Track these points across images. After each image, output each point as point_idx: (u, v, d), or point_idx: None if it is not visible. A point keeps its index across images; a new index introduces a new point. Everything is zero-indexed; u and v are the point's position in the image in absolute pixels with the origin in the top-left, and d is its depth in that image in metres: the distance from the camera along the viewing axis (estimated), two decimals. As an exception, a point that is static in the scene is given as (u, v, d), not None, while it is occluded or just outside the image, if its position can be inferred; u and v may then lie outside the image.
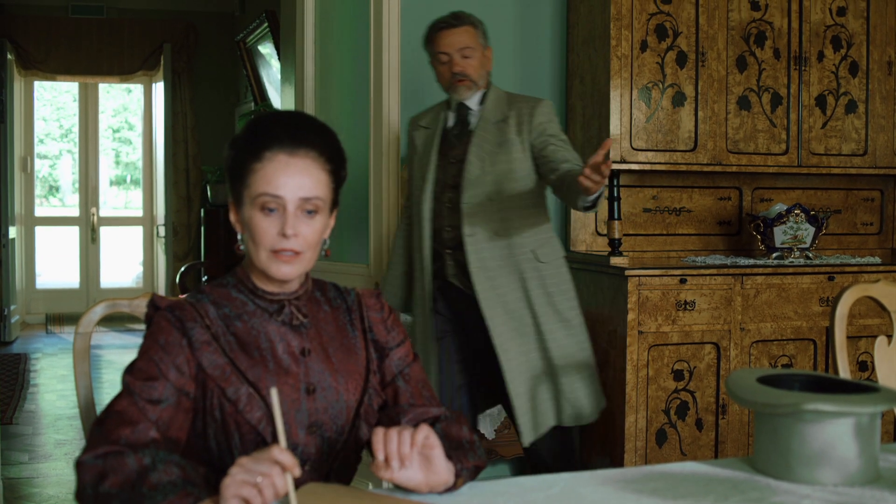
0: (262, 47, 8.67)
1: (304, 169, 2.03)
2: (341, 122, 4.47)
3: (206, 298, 2.11)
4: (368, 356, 2.18)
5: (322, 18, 4.56)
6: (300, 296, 2.15)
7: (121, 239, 13.18)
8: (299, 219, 2.03)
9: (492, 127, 3.87)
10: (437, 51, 3.88)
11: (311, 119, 2.14)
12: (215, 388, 2.01)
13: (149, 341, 2.04)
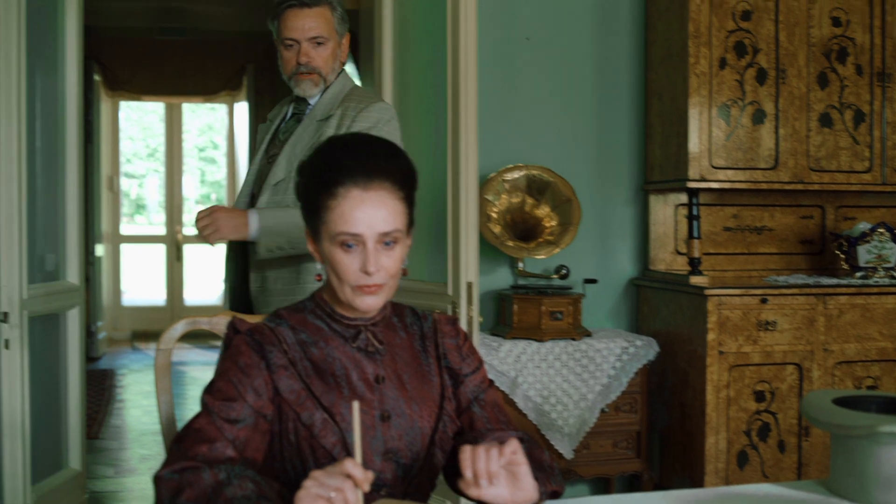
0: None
1: (379, 202, 2.01)
2: (420, 139, 4.49)
3: (284, 323, 2.13)
4: (443, 383, 2.18)
5: (400, 38, 4.59)
6: (377, 322, 2.15)
7: (205, 256, 13.37)
8: (380, 252, 2.03)
9: (313, 126, 3.41)
10: (283, 35, 3.39)
11: (379, 143, 2.11)
12: (290, 413, 2.03)
13: (228, 363, 2.07)
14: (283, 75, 3.45)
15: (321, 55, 3.39)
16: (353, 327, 2.13)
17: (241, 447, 1.98)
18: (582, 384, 4.47)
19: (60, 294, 4.37)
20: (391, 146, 2.12)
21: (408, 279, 4.29)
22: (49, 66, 4.40)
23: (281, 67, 3.45)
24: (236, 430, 1.98)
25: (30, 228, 4.13)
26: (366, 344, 2.12)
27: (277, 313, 2.16)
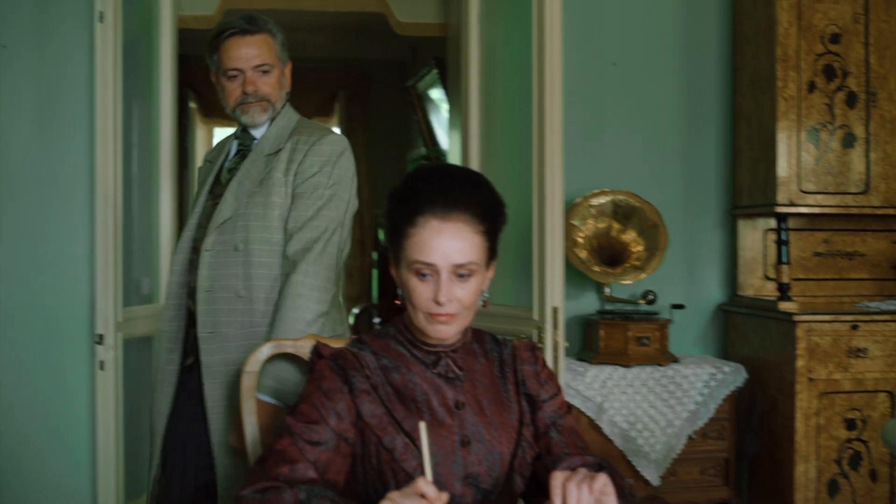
0: (432, 92, 8.81)
1: (456, 234, 2.04)
2: (506, 164, 4.51)
3: (367, 348, 2.17)
4: (521, 409, 2.19)
5: (486, 64, 4.62)
6: (457, 348, 2.19)
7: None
8: (453, 283, 2.06)
9: (260, 161, 3.19)
10: (225, 66, 3.18)
11: (464, 175, 2.15)
12: (373, 436, 2.06)
13: (311, 386, 2.11)
14: (227, 109, 3.24)
15: (267, 83, 3.21)
16: (433, 353, 2.16)
17: (323, 469, 2.01)
18: (669, 410, 4.43)
19: (154, 317, 4.46)
20: (476, 178, 2.14)
21: (494, 303, 4.31)
22: (145, 94, 4.52)
23: (223, 101, 3.25)
24: (318, 452, 2.02)
25: (126, 253, 4.24)
26: (446, 370, 2.15)
27: (360, 338, 2.21)
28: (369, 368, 2.12)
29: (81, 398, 4.49)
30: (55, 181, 4.53)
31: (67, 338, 4.50)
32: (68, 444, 4.51)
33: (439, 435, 2.08)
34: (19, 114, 4.51)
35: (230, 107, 3.21)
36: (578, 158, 4.84)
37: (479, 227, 2.06)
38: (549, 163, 4.05)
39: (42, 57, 4.52)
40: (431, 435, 2.06)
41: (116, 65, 4.06)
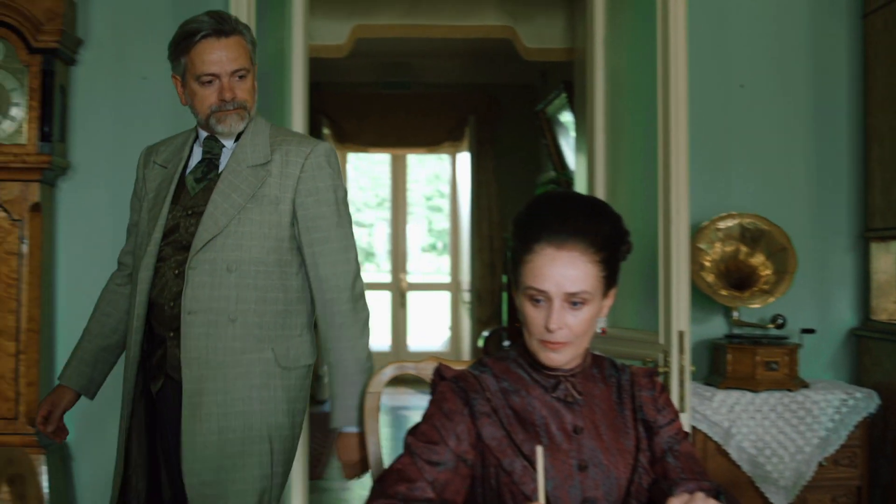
0: (561, 116, 8.84)
1: (570, 263, 2.07)
2: (631, 187, 4.51)
3: (488, 371, 2.21)
4: (637, 435, 2.20)
5: (612, 88, 4.63)
6: (577, 373, 2.21)
7: (429, 304, 13.65)
8: (565, 311, 2.08)
9: (246, 172, 2.98)
10: (199, 70, 2.96)
11: (585, 203, 2.17)
12: (492, 459, 2.10)
13: (433, 407, 2.16)
14: (197, 115, 3.03)
15: (245, 88, 3.00)
16: (553, 377, 2.19)
17: (441, 489, 2.06)
18: (798, 436, 4.36)
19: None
20: (598, 206, 2.16)
21: (619, 328, 4.31)
22: (278, 122, 4.65)
23: (193, 108, 3.03)
24: (437, 472, 2.06)
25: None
26: (565, 394, 2.17)
27: (482, 361, 2.25)
28: (490, 391, 2.16)
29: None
30: (192, 207, 4.69)
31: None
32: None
33: (557, 459, 2.10)
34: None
35: (202, 114, 2.99)
36: (705, 181, 4.81)
37: (595, 256, 2.09)
38: (675, 186, 4.04)
39: (180, 88, 4.69)
40: (549, 459, 2.09)
41: (250, 94, 4.19)
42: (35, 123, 4.34)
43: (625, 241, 2.16)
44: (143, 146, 4.52)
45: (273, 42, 4.62)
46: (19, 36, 4.34)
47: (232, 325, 2.89)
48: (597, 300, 2.11)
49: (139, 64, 4.68)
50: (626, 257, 2.18)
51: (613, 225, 2.14)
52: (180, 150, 3.13)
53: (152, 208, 3.06)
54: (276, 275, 2.96)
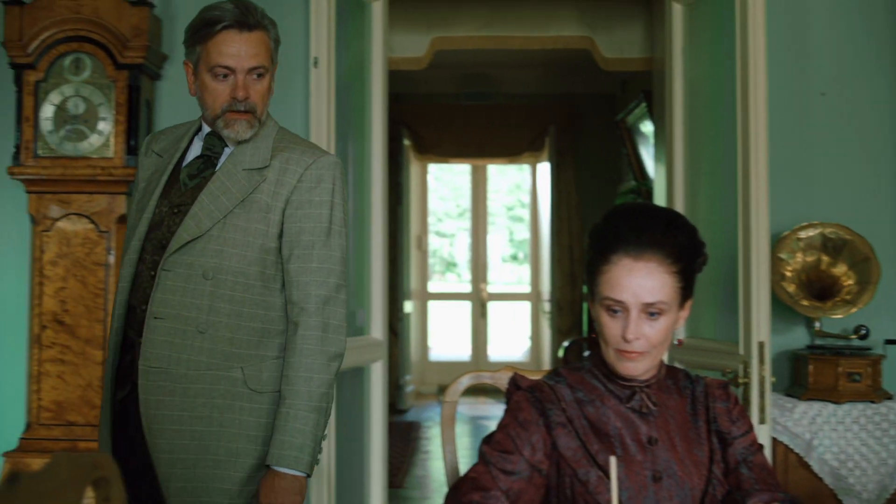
0: (642, 126, 8.81)
1: (647, 274, 2.09)
2: (710, 196, 4.49)
3: (563, 381, 2.22)
4: (711, 447, 2.20)
5: (691, 98, 4.62)
6: (652, 384, 2.21)
7: (510, 314, 13.66)
8: (642, 321, 2.10)
9: (240, 175, 2.77)
10: (215, 62, 2.73)
11: (661, 214, 2.19)
12: (568, 469, 2.12)
13: (508, 417, 2.19)
14: (205, 110, 2.81)
15: (259, 91, 2.78)
16: (628, 388, 2.20)
17: (514, 498, 2.08)
18: (882, 448, 4.30)
19: (365, 348, 4.63)
20: (674, 218, 2.18)
21: (699, 338, 4.29)
22: (357, 134, 4.71)
23: (202, 101, 2.82)
24: (511, 481, 2.09)
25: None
26: (640, 405, 2.18)
27: (557, 371, 2.26)
28: (565, 401, 2.18)
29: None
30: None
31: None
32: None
33: (632, 470, 2.12)
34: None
35: (211, 111, 2.78)
36: (785, 190, 4.76)
37: (672, 267, 2.11)
38: (755, 195, 4.01)
39: (262, 101, 4.77)
40: (624, 469, 2.10)
41: (330, 107, 4.26)
42: (121, 137, 4.45)
43: (700, 253, 2.18)
44: (225, 159, 4.61)
45: (352, 55, 4.68)
46: (106, 52, 4.45)
47: (200, 337, 2.67)
48: (673, 311, 2.13)
49: (222, 78, 4.77)
50: (702, 269, 2.19)
51: (689, 236, 2.16)
52: (179, 140, 2.92)
53: (140, 199, 2.87)
54: (256, 289, 2.72)
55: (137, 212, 2.82)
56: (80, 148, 4.47)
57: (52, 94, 4.46)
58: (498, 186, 15.03)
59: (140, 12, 4.47)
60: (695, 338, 4.35)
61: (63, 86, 4.48)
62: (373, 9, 4.74)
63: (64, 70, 4.48)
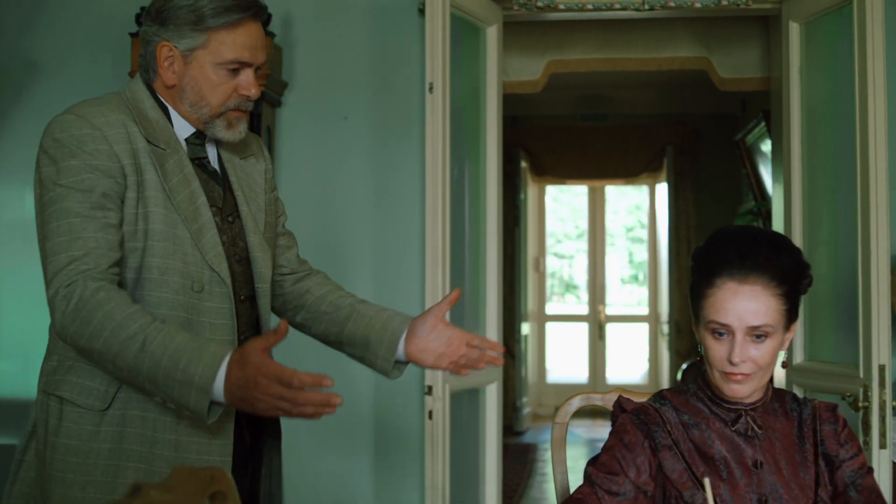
0: (762, 145, 8.69)
1: (752, 297, 2.10)
2: (829, 220, 4.42)
3: (667, 404, 2.25)
4: (818, 470, 2.19)
5: (809, 118, 4.56)
6: (757, 406, 2.21)
7: (628, 336, 13.57)
8: (747, 344, 2.12)
9: (241, 167, 2.62)
10: (228, 55, 2.42)
11: (766, 238, 2.20)
12: (673, 490, 2.14)
13: (613, 439, 2.22)
14: (197, 106, 2.47)
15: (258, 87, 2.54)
16: (734, 411, 2.20)
17: None
18: None
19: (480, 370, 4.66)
20: (779, 241, 2.19)
21: (817, 361, 4.23)
22: (472, 157, 4.77)
23: (194, 95, 2.46)
24: (616, 501, 2.12)
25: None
26: (745, 428, 2.19)
27: (661, 394, 2.29)
28: (670, 424, 2.20)
29: (413, 445, 4.74)
30: (392, 241, 4.85)
31: (401, 388, 4.77)
32: (399, 488, 4.77)
33: (737, 493, 2.13)
34: (360, 178, 4.87)
35: (212, 108, 2.47)
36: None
37: (777, 289, 2.11)
38: (874, 215, 3.95)
39: (379, 126, 4.87)
40: (729, 492, 2.12)
41: (445, 132, 4.32)
42: (244, 163, 4.57)
43: (805, 275, 2.17)
44: (343, 183, 4.71)
45: (467, 79, 4.74)
46: (229, 81, 4.58)
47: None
48: (779, 333, 2.14)
49: (339, 104, 4.88)
50: (807, 290, 2.19)
51: (794, 259, 2.16)
52: (166, 128, 2.49)
53: (183, 197, 2.47)
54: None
55: (188, 210, 2.42)
56: (203, 174, 4.60)
57: (178, 122, 4.60)
58: (617, 207, 14.97)
59: (261, 41, 4.59)
60: (814, 360, 4.28)
61: (187, 114, 4.61)
62: (487, 33, 4.80)
63: (188, 98, 4.61)
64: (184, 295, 2.38)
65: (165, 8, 2.42)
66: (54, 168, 2.30)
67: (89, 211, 2.27)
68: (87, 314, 2.20)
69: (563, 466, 2.61)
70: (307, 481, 4.81)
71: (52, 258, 2.25)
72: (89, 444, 2.33)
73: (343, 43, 4.90)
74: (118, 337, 2.18)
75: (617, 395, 2.58)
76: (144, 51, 2.49)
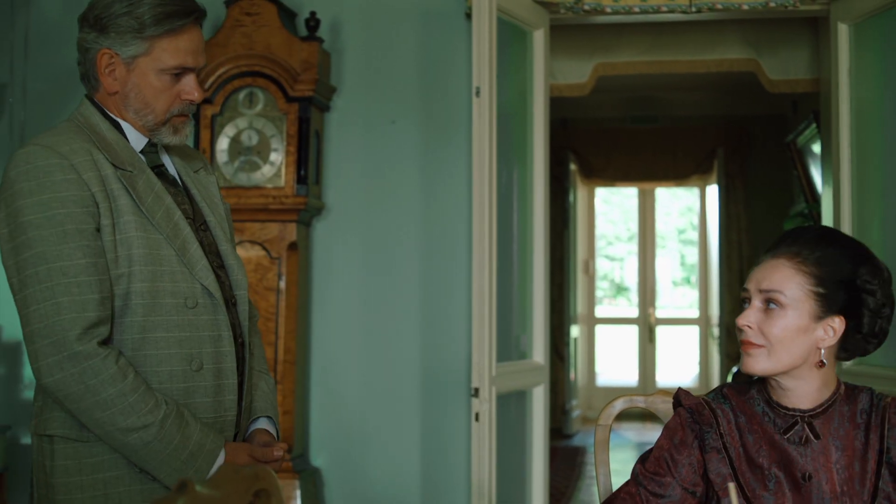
0: (813, 146, 8.62)
1: (773, 266, 2.12)
2: (879, 223, 4.39)
3: (726, 403, 2.20)
4: (877, 483, 2.09)
5: (859, 119, 4.53)
6: (818, 412, 2.13)
7: (678, 339, 13.49)
8: (760, 312, 2.11)
9: (195, 178, 2.56)
10: (170, 61, 2.37)
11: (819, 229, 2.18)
12: (714, 495, 2.12)
13: (664, 437, 2.20)
14: (148, 113, 2.40)
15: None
16: (790, 417, 2.14)
17: None
18: None
19: (526, 372, 4.68)
20: (830, 234, 2.17)
21: (865, 364, 4.20)
22: (520, 160, 4.79)
23: (139, 103, 2.40)
24: (660, 502, 2.10)
25: (505, 311, 4.50)
26: (800, 436, 2.12)
27: (722, 391, 2.24)
28: (724, 426, 2.16)
29: (459, 447, 4.76)
30: (439, 244, 4.88)
31: (448, 390, 4.80)
32: (446, 489, 4.80)
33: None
34: (408, 182, 4.91)
35: (157, 115, 2.41)
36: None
37: (804, 266, 2.10)
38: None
39: (426, 130, 4.90)
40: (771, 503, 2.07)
41: (492, 135, 4.34)
42: (292, 167, 4.63)
43: (844, 266, 2.10)
44: (391, 186, 4.75)
45: (514, 83, 4.76)
46: (278, 86, 4.64)
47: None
48: (800, 313, 2.09)
49: (387, 109, 4.92)
50: (862, 288, 2.10)
51: (838, 248, 2.13)
52: (126, 146, 2.42)
53: (161, 218, 2.42)
54: None
55: (170, 233, 2.38)
56: (253, 178, 4.66)
57: (228, 127, 4.67)
58: (669, 209, 14.90)
59: (310, 47, 4.64)
60: (860, 364, 4.25)
61: (237, 119, 4.68)
62: (534, 37, 4.81)
63: (238, 104, 4.69)
64: (178, 314, 2.35)
65: (104, 15, 2.35)
66: (21, 203, 2.23)
67: (68, 254, 2.22)
68: (98, 385, 2.20)
69: (606, 468, 2.61)
70: (354, 482, 4.85)
71: (35, 307, 2.20)
72: (93, 476, 2.30)
73: (391, 48, 4.95)
74: (126, 418, 2.22)
75: (660, 397, 2.58)
76: (83, 58, 2.42)
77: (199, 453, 2.30)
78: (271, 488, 1.54)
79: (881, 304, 2.11)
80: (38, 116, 4.98)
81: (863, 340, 2.15)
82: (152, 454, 2.25)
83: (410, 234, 4.91)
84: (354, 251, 4.93)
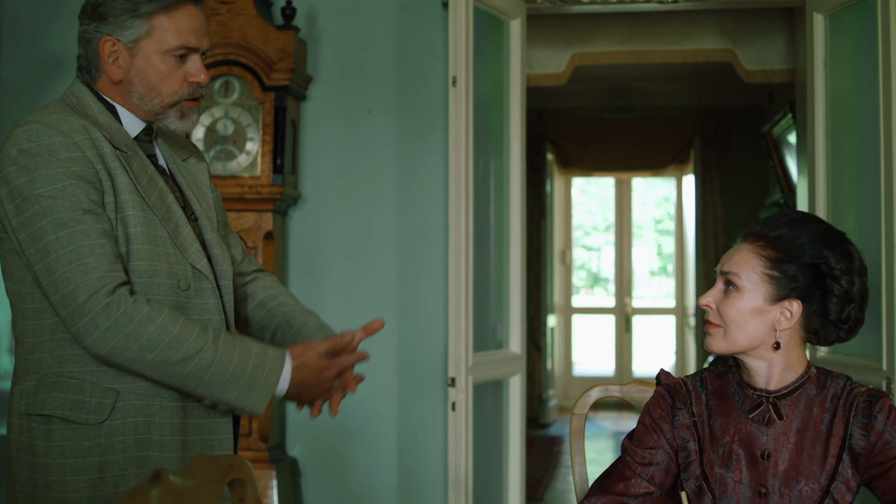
0: (789, 137, 8.66)
1: (737, 249, 2.20)
2: (852, 208, 4.42)
3: (702, 388, 2.28)
4: (837, 467, 2.14)
5: (834, 110, 4.55)
6: (783, 393, 2.19)
7: (655, 328, 13.55)
8: (719, 292, 2.19)
9: (183, 167, 2.57)
10: (173, 41, 2.36)
11: (793, 214, 2.21)
12: (676, 469, 2.23)
13: (645, 412, 2.30)
14: (154, 97, 2.39)
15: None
16: (756, 397, 2.21)
17: (659, 484, 2.20)
18: None
19: (503, 362, 4.69)
20: (802, 218, 2.20)
21: (839, 353, 4.22)
22: (496, 150, 4.79)
23: (144, 88, 2.39)
24: (651, 470, 2.20)
25: (480, 301, 4.50)
26: (763, 416, 2.18)
27: (702, 375, 2.31)
28: (696, 406, 2.24)
29: (436, 436, 4.77)
30: (416, 234, 4.88)
31: (425, 380, 4.81)
32: (423, 479, 4.80)
33: (738, 482, 2.16)
34: (385, 172, 4.91)
35: (163, 99, 2.40)
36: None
37: (762, 251, 2.16)
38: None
39: (403, 120, 4.90)
40: (731, 483, 2.16)
41: (468, 125, 4.34)
42: (268, 157, 4.62)
43: (802, 252, 2.13)
44: (367, 176, 4.74)
45: (491, 73, 4.76)
46: (254, 75, 4.63)
47: None
48: (754, 294, 2.15)
49: (364, 98, 4.92)
50: (841, 282, 2.13)
51: (803, 233, 2.15)
52: (119, 130, 2.41)
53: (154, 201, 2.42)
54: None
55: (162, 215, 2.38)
56: (228, 167, 4.65)
57: (203, 116, 4.65)
58: (646, 199, 14.95)
59: (286, 36, 4.63)
60: (836, 353, 4.28)
61: (213, 108, 4.67)
62: (511, 27, 4.81)
63: (214, 93, 4.67)
64: (173, 295, 2.34)
65: (100, 3, 2.36)
66: (28, 178, 2.22)
67: (84, 220, 2.21)
68: (136, 328, 2.18)
69: (581, 457, 2.63)
70: (331, 472, 4.85)
71: (62, 271, 2.18)
72: (89, 459, 2.27)
73: (367, 37, 4.94)
74: (177, 350, 2.20)
75: (635, 387, 2.63)
76: (85, 51, 2.41)
77: (264, 363, 2.27)
78: (246, 478, 1.54)
79: (847, 290, 2.14)
80: (14, 106, 4.94)
81: (832, 326, 2.18)
82: (217, 376, 2.23)
83: (387, 223, 4.90)
84: (331, 241, 4.92)
